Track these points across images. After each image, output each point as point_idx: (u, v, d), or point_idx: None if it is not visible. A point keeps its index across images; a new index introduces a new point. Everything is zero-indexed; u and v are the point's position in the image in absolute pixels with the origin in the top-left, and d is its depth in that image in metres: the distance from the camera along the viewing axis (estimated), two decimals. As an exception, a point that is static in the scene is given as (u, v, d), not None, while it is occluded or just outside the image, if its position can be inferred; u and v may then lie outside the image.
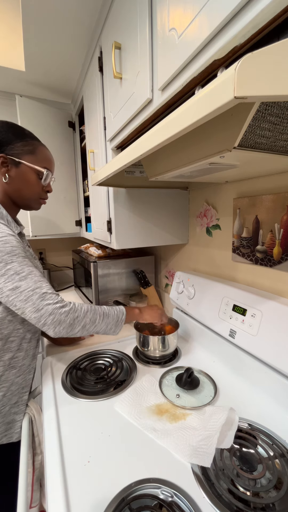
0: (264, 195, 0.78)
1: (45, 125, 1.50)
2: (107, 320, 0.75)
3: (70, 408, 0.71)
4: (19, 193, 0.77)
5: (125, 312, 0.81)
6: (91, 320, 0.72)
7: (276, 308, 0.69)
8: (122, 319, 0.79)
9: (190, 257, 1.20)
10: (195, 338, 1.02)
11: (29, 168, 0.76)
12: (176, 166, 0.63)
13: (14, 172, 0.75)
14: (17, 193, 0.77)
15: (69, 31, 1.04)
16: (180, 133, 0.36)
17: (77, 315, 0.69)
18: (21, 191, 0.77)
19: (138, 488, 0.49)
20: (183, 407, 0.69)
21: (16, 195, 0.78)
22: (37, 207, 0.84)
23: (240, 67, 0.25)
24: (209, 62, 0.46)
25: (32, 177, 0.77)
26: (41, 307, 0.64)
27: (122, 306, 0.83)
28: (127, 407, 0.70)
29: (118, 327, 0.78)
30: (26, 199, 0.79)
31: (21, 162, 0.74)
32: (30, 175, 0.77)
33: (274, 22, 0.38)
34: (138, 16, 0.66)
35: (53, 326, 0.65)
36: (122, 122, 0.81)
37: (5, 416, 0.74)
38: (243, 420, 0.64)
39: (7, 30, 1.30)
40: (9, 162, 0.74)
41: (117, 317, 0.78)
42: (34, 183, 0.78)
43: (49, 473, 0.53)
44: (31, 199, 0.80)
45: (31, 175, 0.77)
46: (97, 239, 1.27)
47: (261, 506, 0.46)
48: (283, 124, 0.41)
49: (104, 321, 0.75)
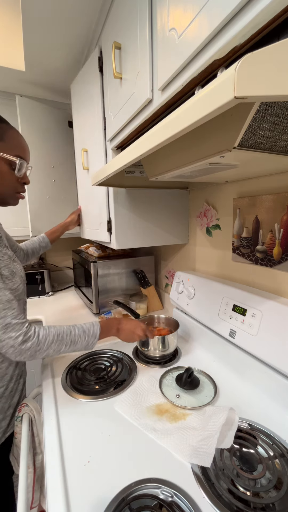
0: (264, 195, 0.78)
1: (45, 125, 1.51)
2: (74, 347, 0.72)
3: (70, 408, 0.71)
4: None
5: (98, 335, 0.76)
6: (55, 350, 0.69)
7: (276, 308, 0.69)
8: (93, 343, 0.75)
9: (190, 257, 1.20)
10: (195, 338, 1.02)
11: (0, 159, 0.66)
12: (176, 166, 0.62)
13: None
14: None
15: (69, 31, 1.04)
16: (180, 133, 0.36)
17: (39, 348, 0.65)
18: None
19: (138, 488, 0.49)
20: (183, 407, 0.69)
21: None
22: (14, 203, 0.74)
23: (240, 67, 0.25)
24: (209, 62, 0.46)
25: (3, 168, 0.66)
26: (2, 339, 0.62)
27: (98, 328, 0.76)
28: (127, 407, 0.70)
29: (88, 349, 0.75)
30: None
31: None
32: (1, 166, 0.66)
33: (274, 22, 0.38)
34: (138, 16, 0.66)
35: (13, 355, 0.64)
36: (122, 122, 0.81)
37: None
38: (243, 420, 0.64)
39: (7, 30, 1.30)
40: None
41: (86, 342, 0.73)
42: (7, 175, 0.68)
43: (49, 473, 0.53)
44: (5, 194, 0.71)
45: (2, 166, 0.66)
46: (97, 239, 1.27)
47: (261, 506, 0.46)
48: (283, 124, 0.41)
49: (70, 348, 0.71)
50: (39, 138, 1.49)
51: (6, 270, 0.69)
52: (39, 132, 1.49)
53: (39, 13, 0.94)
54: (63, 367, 0.90)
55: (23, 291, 0.79)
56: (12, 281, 0.71)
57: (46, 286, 1.69)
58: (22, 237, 1.55)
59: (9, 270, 0.70)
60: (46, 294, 1.70)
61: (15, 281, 0.72)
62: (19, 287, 0.74)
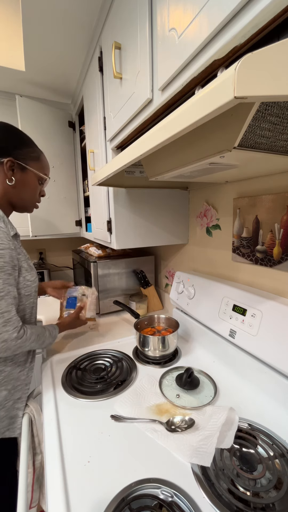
0: (264, 195, 0.78)
1: (45, 125, 1.50)
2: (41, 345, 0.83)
3: (70, 408, 0.71)
4: (20, 196, 0.81)
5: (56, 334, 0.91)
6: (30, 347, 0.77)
7: (276, 308, 0.69)
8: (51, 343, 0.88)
9: (190, 257, 1.20)
10: (195, 338, 1.02)
11: (34, 174, 0.81)
12: (176, 166, 0.62)
13: (19, 176, 0.78)
14: (18, 196, 0.80)
15: (69, 31, 1.04)
16: (180, 133, 0.36)
17: (23, 345, 0.73)
18: (23, 194, 0.81)
19: (138, 488, 0.49)
20: (183, 407, 0.69)
21: (17, 198, 0.81)
22: (32, 210, 0.88)
23: (240, 67, 0.25)
24: (209, 62, 0.46)
25: (34, 182, 0.82)
26: (0, 332, 0.68)
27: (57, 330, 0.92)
28: (127, 407, 0.70)
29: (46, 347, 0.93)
30: (25, 202, 0.83)
31: (27, 167, 0.79)
32: (33, 181, 0.82)
33: (274, 22, 0.38)
34: (138, 16, 0.66)
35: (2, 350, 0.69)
36: (122, 122, 0.81)
37: (8, 411, 0.76)
38: (243, 420, 0.64)
39: (7, 30, 1.30)
40: (15, 166, 0.77)
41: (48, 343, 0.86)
42: (35, 188, 0.83)
43: (49, 473, 0.53)
44: (29, 203, 0.85)
45: (34, 180, 0.82)
46: (97, 239, 1.27)
47: (261, 506, 0.46)
48: (283, 124, 0.41)
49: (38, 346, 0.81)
50: (39, 138, 1.49)
51: (25, 264, 0.79)
52: (39, 132, 1.49)
53: (39, 13, 0.94)
54: (63, 367, 0.90)
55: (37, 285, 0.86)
56: (30, 273, 0.80)
57: (46, 286, 1.69)
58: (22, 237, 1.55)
59: (27, 264, 0.80)
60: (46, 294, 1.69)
61: (33, 273, 0.82)
62: (35, 279, 0.83)
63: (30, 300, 0.82)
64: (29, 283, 0.79)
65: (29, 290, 0.80)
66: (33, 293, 0.82)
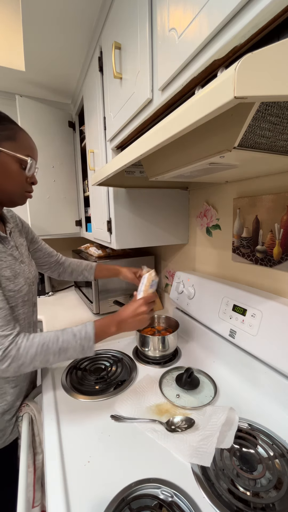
0: (264, 195, 0.78)
1: (45, 125, 1.50)
2: (66, 355, 0.64)
3: (70, 408, 0.71)
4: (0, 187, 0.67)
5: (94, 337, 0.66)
6: (42, 361, 0.62)
7: (276, 308, 0.69)
8: (90, 346, 0.66)
9: (190, 257, 1.20)
10: (195, 338, 1.02)
11: (10, 157, 0.64)
12: (176, 166, 0.62)
13: None
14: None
15: (69, 31, 1.04)
16: (180, 133, 0.36)
17: (21, 363, 0.59)
18: (2, 184, 0.66)
19: (138, 488, 0.49)
20: (183, 407, 0.69)
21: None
22: (22, 202, 0.73)
23: (240, 67, 0.25)
24: (209, 62, 0.46)
25: (14, 167, 0.66)
26: None
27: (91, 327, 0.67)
28: (127, 407, 0.70)
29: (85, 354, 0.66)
30: (9, 193, 0.69)
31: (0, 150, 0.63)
32: (12, 165, 0.65)
33: (274, 22, 0.38)
34: (138, 16, 0.66)
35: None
36: (122, 122, 0.81)
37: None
38: (243, 420, 0.64)
39: (7, 30, 1.30)
40: None
41: (81, 347, 0.65)
42: (17, 174, 0.67)
43: (49, 473, 0.53)
44: (15, 193, 0.69)
45: (13, 165, 0.65)
46: (97, 239, 1.27)
47: (261, 506, 0.46)
48: (283, 124, 0.41)
49: (61, 356, 0.63)
50: (39, 138, 1.49)
51: (8, 271, 0.68)
52: (39, 132, 1.49)
53: (39, 13, 0.94)
54: (63, 367, 0.89)
55: (28, 292, 0.76)
56: (14, 282, 0.69)
57: (46, 286, 1.69)
58: (22, 237, 1.55)
59: (12, 270, 0.69)
60: (46, 294, 1.70)
61: (18, 282, 0.71)
62: (22, 288, 0.72)
63: (20, 311, 0.71)
64: (12, 294, 0.68)
65: (14, 301, 0.69)
66: (20, 303, 0.71)
